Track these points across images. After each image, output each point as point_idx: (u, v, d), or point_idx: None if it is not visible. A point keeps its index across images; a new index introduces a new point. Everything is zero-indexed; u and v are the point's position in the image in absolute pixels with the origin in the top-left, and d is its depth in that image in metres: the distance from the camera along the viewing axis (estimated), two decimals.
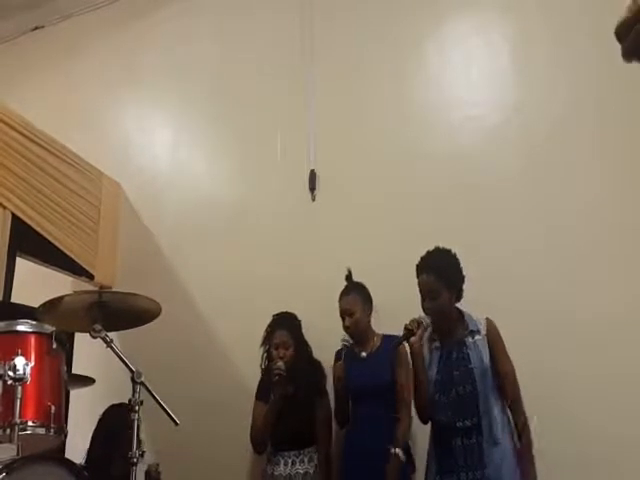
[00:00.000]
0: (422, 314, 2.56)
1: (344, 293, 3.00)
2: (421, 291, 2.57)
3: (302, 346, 3.11)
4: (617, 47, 1.07)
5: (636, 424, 2.69)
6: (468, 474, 2.39)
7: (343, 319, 2.96)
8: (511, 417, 2.48)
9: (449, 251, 2.60)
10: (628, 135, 3.06)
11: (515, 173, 3.24)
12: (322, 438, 3.00)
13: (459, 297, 2.60)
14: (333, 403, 3.04)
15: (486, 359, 2.49)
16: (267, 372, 3.07)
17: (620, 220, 2.99)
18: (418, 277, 2.58)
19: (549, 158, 3.19)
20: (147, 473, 2.23)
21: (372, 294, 3.00)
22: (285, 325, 3.10)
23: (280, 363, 2.94)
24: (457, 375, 2.49)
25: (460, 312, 2.61)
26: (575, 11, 3.25)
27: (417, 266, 2.60)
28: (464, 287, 2.61)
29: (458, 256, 2.60)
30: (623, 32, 0.99)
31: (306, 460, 2.95)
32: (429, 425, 2.61)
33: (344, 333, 2.98)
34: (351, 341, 2.98)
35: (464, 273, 2.60)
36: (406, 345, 2.62)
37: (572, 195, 3.11)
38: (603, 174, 3.08)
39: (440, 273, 2.54)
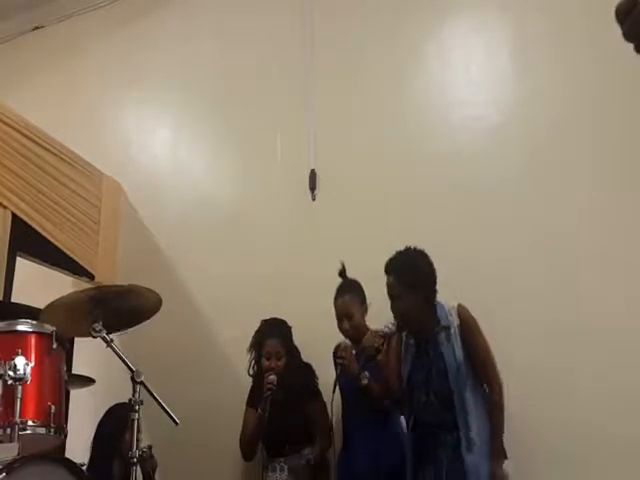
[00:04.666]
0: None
1: (340, 294, 2.94)
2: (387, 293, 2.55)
3: (293, 353, 3.05)
4: (616, 47, 1.03)
5: (636, 425, 2.69)
6: (448, 465, 2.40)
7: (340, 320, 2.91)
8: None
9: (415, 252, 2.54)
10: (628, 134, 3.05)
11: (515, 173, 3.24)
12: (321, 437, 2.97)
13: (430, 297, 2.54)
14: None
15: (459, 353, 2.45)
16: (257, 379, 3.03)
17: (621, 219, 2.99)
18: None
19: (549, 158, 3.19)
20: (140, 456, 2.21)
21: (372, 294, 2.96)
22: (276, 334, 3.02)
23: (272, 377, 2.86)
24: (434, 375, 2.48)
25: (433, 306, 2.54)
26: (575, 11, 3.25)
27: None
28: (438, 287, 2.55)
29: (429, 256, 2.54)
30: (625, 8, 0.89)
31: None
32: None
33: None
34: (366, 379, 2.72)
35: (436, 273, 2.54)
36: None
37: (572, 195, 3.11)
38: (603, 174, 3.08)
39: (399, 275, 2.51)
